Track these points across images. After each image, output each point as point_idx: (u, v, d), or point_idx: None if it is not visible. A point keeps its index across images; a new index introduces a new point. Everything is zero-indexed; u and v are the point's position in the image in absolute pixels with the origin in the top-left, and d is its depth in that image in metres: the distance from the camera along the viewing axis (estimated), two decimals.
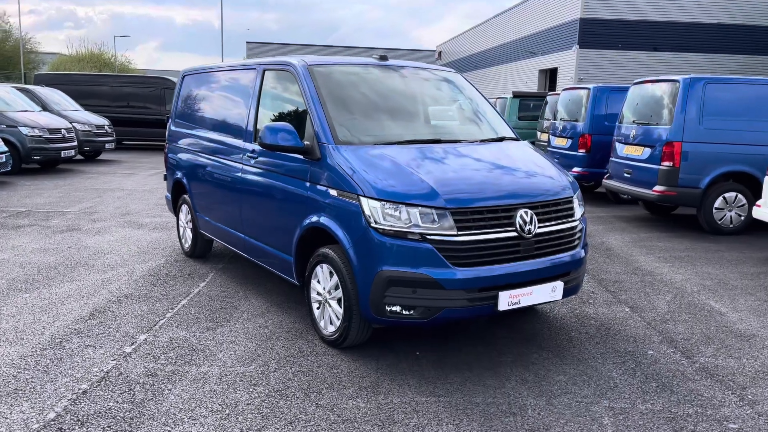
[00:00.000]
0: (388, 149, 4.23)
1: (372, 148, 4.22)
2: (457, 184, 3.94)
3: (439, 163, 4.16)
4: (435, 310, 3.77)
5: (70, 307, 4.99)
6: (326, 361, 4.05)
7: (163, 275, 5.99)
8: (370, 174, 3.93)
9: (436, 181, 3.90)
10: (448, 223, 3.74)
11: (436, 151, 4.32)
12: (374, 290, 3.80)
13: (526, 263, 3.95)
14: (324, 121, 4.34)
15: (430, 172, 3.99)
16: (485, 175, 4.14)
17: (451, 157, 4.30)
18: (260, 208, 5.04)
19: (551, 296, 4.08)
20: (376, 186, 3.84)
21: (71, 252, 6.82)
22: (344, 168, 4.04)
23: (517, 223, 3.90)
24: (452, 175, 4.03)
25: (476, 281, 3.77)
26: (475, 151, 4.48)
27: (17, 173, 13.55)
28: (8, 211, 9.22)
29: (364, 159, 4.07)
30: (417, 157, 4.16)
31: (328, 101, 4.47)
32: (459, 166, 4.19)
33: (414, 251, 3.72)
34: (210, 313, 4.93)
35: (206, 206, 6.10)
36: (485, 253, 3.82)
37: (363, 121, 4.58)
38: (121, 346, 4.22)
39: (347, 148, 4.19)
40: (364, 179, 3.90)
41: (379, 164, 4.03)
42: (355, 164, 4.02)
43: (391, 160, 4.07)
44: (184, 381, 3.71)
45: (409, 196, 3.79)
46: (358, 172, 3.96)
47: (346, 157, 4.10)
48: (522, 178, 4.23)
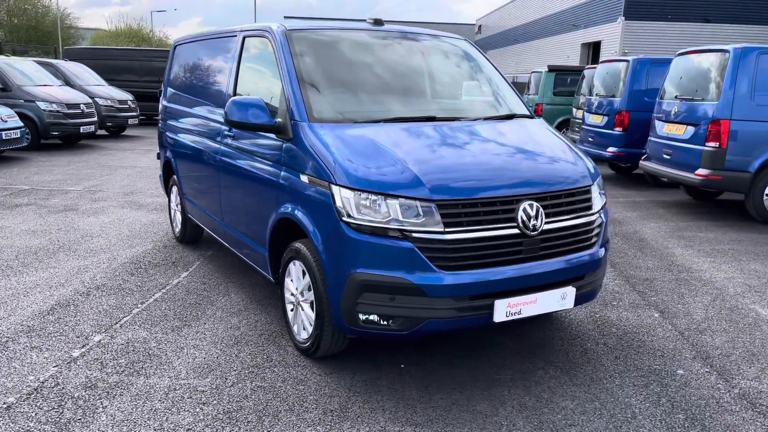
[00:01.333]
0: (371, 128, 3.60)
1: (352, 127, 3.61)
2: (447, 170, 3.30)
3: (429, 144, 3.52)
4: (417, 320, 3.18)
5: (32, 300, 4.57)
6: (294, 374, 3.50)
7: (145, 263, 5.53)
8: (344, 157, 3.32)
9: (421, 166, 3.27)
10: (433, 217, 3.12)
11: (427, 131, 3.67)
12: (346, 296, 3.22)
13: (530, 266, 3.31)
14: (298, 95, 3.74)
15: (417, 155, 3.36)
16: (484, 160, 3.49)
17: (446, 138, 3.65)
18: (236, 194, 4.50)
19: (560, 304, 3.43)
20: (350, 172, 3.23)
21: (59, 235, 6.43)
22: (316, 150, 3.45)
23: (520, 218, 3.26)
24: (443, 159, 3.39)
25: (467, 287, 3.15)
26: (477, 131, 3.81)
27: (36, 149, 13.37)
28: (11, 189, 8.94)
29: (340, 139, 3.46)
30: (404, 138, 3.53)
31: (305, 72, 3.86)
32: (453, 149, 3.54)
33: (392, 251, 3.11)
34: (181, 309, 4.44)
35: (191, 189, 5.59)
36: (479, 254, 3.19)
37: (345, 96, 3.96)
38: (70, 349, 3.76)
39: (323, 126, 3.58)
40: (336, 164, 3.30)
41: (356, 146, 3.42)
42: (329, 145, 3.42)
43: (371, 141, 3.45)
44: (124, 396, 3.22)
45: (387, 184, 3.17)
46: (332, 154, 3.36)
47: (320, 136, 3.50)
48: (529, 163, 3.56)
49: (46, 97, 13.49)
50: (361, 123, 3.67)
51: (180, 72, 6.01)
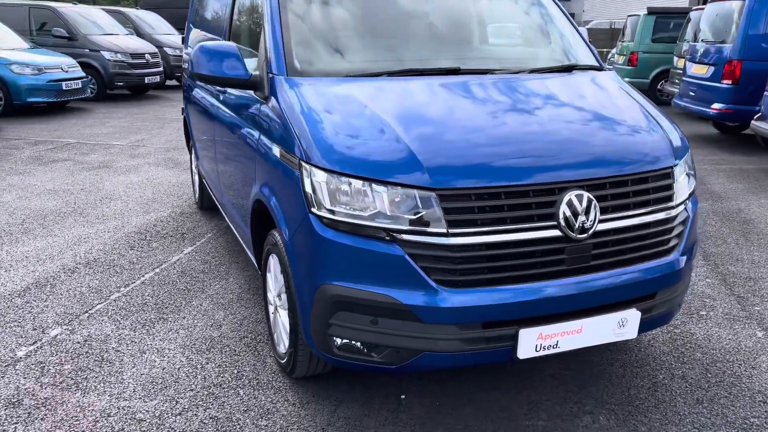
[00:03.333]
0: (365, 85, 2.69)
1: (341, 83, 2.71)
2: (458, 145, 2.36)
3: (440, 108, 2.57)
4: (408, 353, 2.32)
5: (11, 276, 4.06)
6: (261, 401, 2.75)
7: (152, 233, 4.94)
8: (321, 125, 2.45)
9: (422, 140, 2.34)
10: (433, 213, 2.22)
11: (443, 89, 2.71)
12: (315, 314, 2.40)
13: (574, 281, 2.35)
14: (278, 39, 2.87)
15: (418, 124, 2.43)
16: (515, 129, 2.50)
17: (467, 99, 2.68)
18: (225, 160, 3.74)
19: (617, 334, 2.47)
20: (326, 146, 2.36)
21: (78, 197, 5.97)
22: (289, 113, 2.59)
23: (562, 215, 2.29)
24: (455, 129, 2.44)
25: (479, 312, 2.25)
26: (514, 88, 2.81)
27: (102, 99, 13.25)
28: (57, 142, 8.66)
29: (321, 100, 2.58)
30: (406, 98, 2.61)
31: (290, 11, 2.97)
32: (474, 114, 2.56)
33: (375, 258, 2.25)
34: (166, 297, 3.79)
35: (200, 150, 4.90)
36: (499, 264, 2.27)
37: (341, 40, 3.04)
38: (18, 346, 3.19)
39: (305, 81, 2.71)
40: (309, 133, 2.43)
41: (340, 109, 2.53)
42: (304, 108, 2.55)
43: (359, 103, 2.54)
44: (45, 421, 2.59)
45: (372, 165, 2.28)
46: (305, 120, 2.49)
47: (296, 95, 2.63)
48: (583, 134, 2.54)
49: (110, 47, 13.25)
50: (355, 77, 2.76)
51: (195, 19, 5.26)
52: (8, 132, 9.40)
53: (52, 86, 11.01)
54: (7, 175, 6.80)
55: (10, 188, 6.25)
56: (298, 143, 2.45)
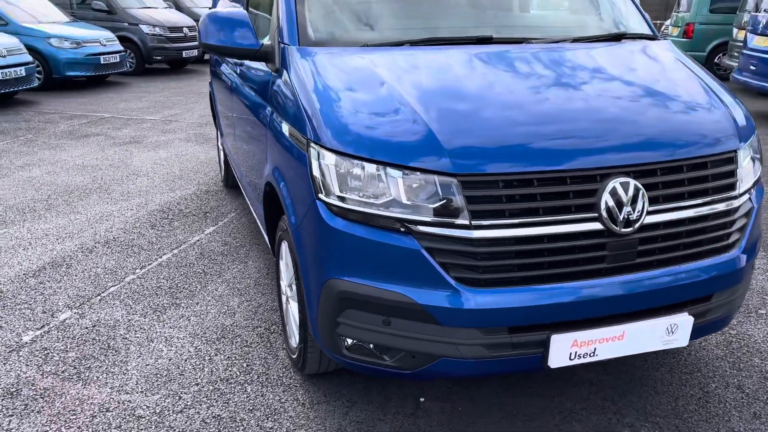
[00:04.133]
0: (384, 55, 2.41)
1: (357, 53, 2.43)
2: (485, 125, 2.06)
3: (466, 82, 2.27)
4: (425, 358, 2.07)
5: (28, 254, 3.96)
6: (269, 400, 2.55)
7: (175, 212, 4.79)
8: (332, 101, 2.19)
9: (443, 119, 2.06)
10: (454, 202, 1.94)
11: (472, 60, 2.41)
12: (322, 311, 2.17)
13: (616, 281, 2.06)
14: (291, 7, 2.61)
15: (440, 100, 2.15)
16: (552, 106, 2.18)
17: (498, 72, 2.37)
18: (242, 138, 3.53)
19: (664, 341, 2.16)
20: (336, 125, 2.10)
21: (106, 173, 5.88)
22: (299, 86, 2.34)
23: (604, 205, 1.99)
24: (481, 107, 2.13)
25: (505, 314, 1.98)
26: (554, 59, 2.48)
27: (140, 74, 13.23)
28: (92, 116, 8.63)
29: (333, 72, 2.32)
30: (429, 71, 2.31)
31: None
32: (505, 90, 2.25)
33: (388, 252, 1.99)
34: (181, 280, 3.63)
35: (223, 126, 4.70)
36: (529, 262, 1.99)
37: (357, 8, 2.75)
38: (24, 331, 3.07)
39: (318, 51, 2.45)
40: (318, 110, 2.17)
41: (354, 83, 2.26)
42: (316, 81, 2.29)
43: (376, 75, 2.27)
44: (42, 415, 2.45)
45: (385, 146, 2.01)
46: (316, 95, 2.23)
47: (309, 67, 2.37)
48: (631, 112, 2.21)
49: (149, 21, 13.18)
50: (374, 47, 2.49)
51: None
52: (46, 106, 9.43)
53: (90, 60, 11.01)
54: (39, 149, 6.77)
55: (40, 163, 6.21)
56: (307, 121, 2.20)
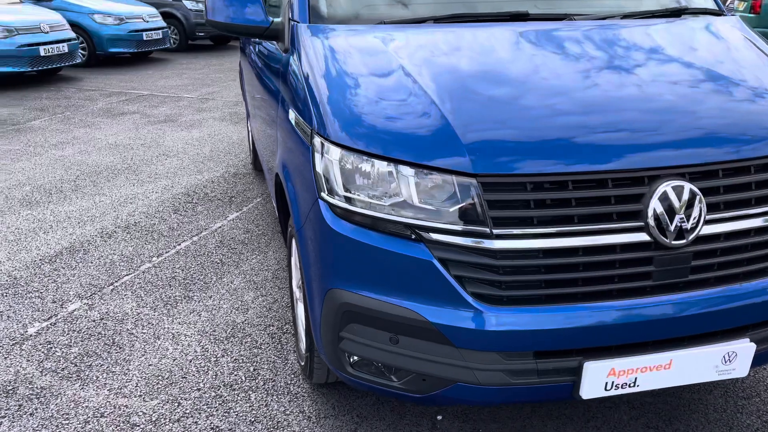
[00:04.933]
0: (401, 34, 2.13)
1: (372, 31, 2.16)
2: (508, 116, 1.77)
3: (489, 66, 1.97)
4: (437, 382, 1.82)
5: (47, 239, 3.87)
6: (274, 409, 2.35)
7: (200, 196, 4.64)
8: (339, 87, 1.93)
9: (461, 108, 1.78)
10: (473, 206, 1.67)
11: (503, 41, 2.10)
12: (325, 323, 1.94)
13: (663, 301, 1.76)
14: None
15: (459, 87, 1.86)
16: (594, 95, 1.87)
17: (532, 55, 2.06)
18: (260, 122, 3.31)
19: (719, 372, 1.85)
20: (342, 114, 1.85)
21: (137, 152, 5.78)
22: (306, 69, 2.09)
23: (652, 213, 1.68)
24: (508, 97, 1.84)
25: (529, 337, 1.71)
26: (599, 40, 2.15)
27: (184, 50, 13.21)
28: (130, 94, 8.59)
29: (344, 53, 2.06)
30: (447, 52, 2.02)
31: None
32: (533, 74, 1.93)
33: (397, 262, 1.74)
34: (197, 270, 3.46)
35: (249, 107, 4.50)
36: (560, 278, 1.70)
37: None
38: (30, 322, 2.95)
39: (329, 30, 2.19)
40: (325, 97, 1.92)
41: (365, 66, 1.99)
42: (325, 63, 2.04)
43: (390, 57, 1.99)
44: (34, 418, 2.31)
45: (396, 140, 1.75)
46: (324, 79, 1.98)
47: (319, 47, 2.12)
48: (688, 102, 1.88)
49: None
50: (392, 24, 2.21)
51: None
52: (87, 83, 9.45)
53: (132, 36, 10.99)
54: (75, 127, 6.74)
55: (74, 141, 6.16)
56: (312, 109, 1.95)
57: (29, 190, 4.75)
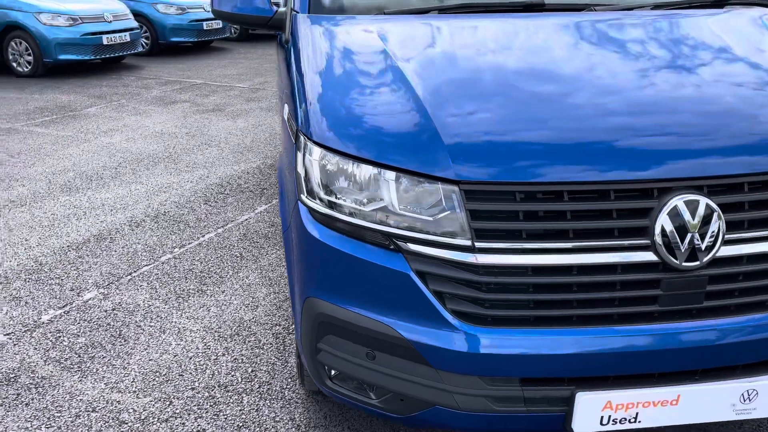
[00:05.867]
0: (399, 25, 1.99)
1: (370, 23, 2.02)
2: (499, 119, 1.60)
3: (487, 61, 1.80)
4: (415, 403, 1.68)
5: (78, 226, 3.93)
6: (265, 415, 2.27)
7: (232, 187, 4.63)
8: (326, 82, 1.81)
9: (448, 108, 1.62)
10: (453, 216, 1.52)
11: (498, 33, 1.93)
12: (304, 332, 1.83)
13: (672, 329, 1.56)
14: None
15: (449, 85, 1.70)
16: (594, 97, 1.66)
17: (532, 50, 1.86)
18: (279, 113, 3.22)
19: (737, 411, 1.64)
20: (326, 113, 1.73)
21: (180, 141, 5.85)
22: (300, 62, 1.98)
23: (659, 230, 1.48)
24: (499, 97, 1.67)
25: (515, 362, 1.55)
26: (619, 33, 1.94)
27: (244, 40, 13.39)
28: (185, 83, 8.74)
29: (337, 46, 1.93)
30: (444, 46, 1.87)
31: None
32: (531, 75, 1.75)
33: (374, 273, 1.61)
34: (215, 263, 3.43)
35: None
36: (552, 298, 1.53)
37: None
38: (46, 309, 2.98)
39: (327, 20, 2.07)
40: (311, 93, 1.81)
41: (356, 61, 1.86)
42: (315, 56, 1.92)
43: (383, 51, 1.85)
44: (29, 408, 2.31)
45: (378, 142, 1.61)
46: (314, 74, 1.87)
47: (313, 38, 2.01)
48: (705, 104, 1.65)
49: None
50: (393, 14, 2.06)
51: None
52: (146, 71, 9.68)
53: (193, 26, 11.20)
54: (127, 114, 6.89)
55: (123, 129, 6.29)
56: (299, 104, 1.84)
57: (72, 176, 4.86)
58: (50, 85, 8.44)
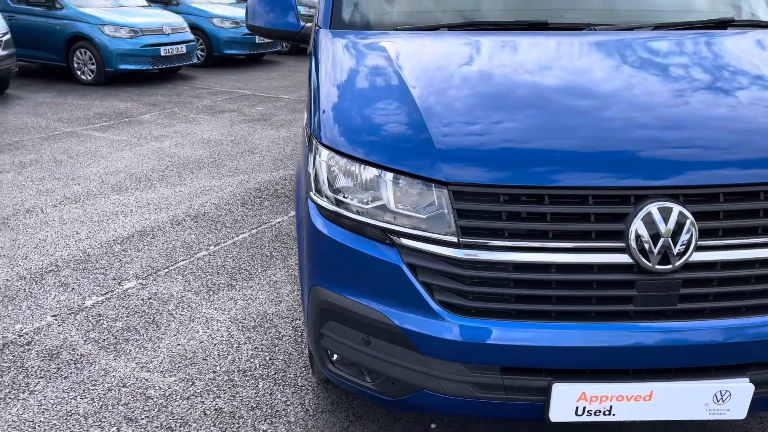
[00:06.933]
0: (409, 41, 2.15)
1: (382, 38, 2.20)
2: (489, 127, 1.74)
3: (484, 75, 1.95)
4: (404, 387, 1.83)
5: (124, 222, 4.22)
6: (277, 398, 2.44)
7: (269, 192, 4.86)
8: (338, 91, 1.99)
9: (443, 116, 1.77)
10: (442, 215, 1.67)
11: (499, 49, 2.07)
12: (310, 318, 2.00)
13: (646, 328, 1.66)
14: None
15: (446, 94, 1.86)
16: (581, 110, 1.78)
17: (524, 63, 2.00)
18: None
19: (710, 411, 1.72)
20: (335, 119, 1.90)
21: (225, 148, 6.15)
22: (316, 73, 2.17)
23: (633, 234, 1.60)
24: (491, 106, 1.81)
25: (495, 351, 1.67)
26: (611, 52, 2.05)
27: (294, 53, 13.80)
28: (234, 93, 9.12)
29: (350, 59, 2.11)
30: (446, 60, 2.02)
31: None
32: (524, 88, 1.88)
33: (370, 265, 1.77)
34: (246, 261, 3.65)
35: None
36: (532, 294, 1.66)
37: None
38: (89, 295, 3.25)
39: (345, 35, 2.26)
40: (323, 101, 1.99)
41: (366, 72, 2.04)
42: (330, 68, 2.11)
43: (391, 64, 2.02)
44: (68, 380, 2.55)
45: (379, 146, 1.78)
46: (327, 83, 2.05)
47: (333, 50, 2.19)
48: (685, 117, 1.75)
49: (306, 1, 13.64)
50: (405, 30, 2.23)
51: None
52: (200, 81, 10.13)
53: (246, 39, 11.65)
54: (177, 121, 7.26)
55: (173, 135, 6.64)
56: (313, 111, 2.03)
57: (123, 177, 5.19)
58: (110, 93, 8.95)
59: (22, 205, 4.51)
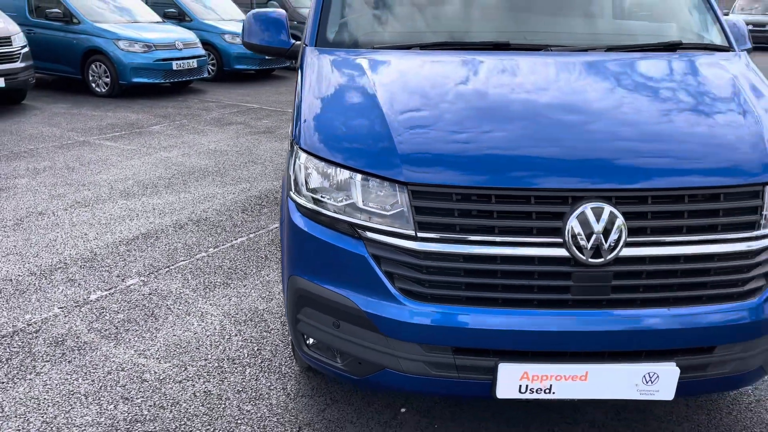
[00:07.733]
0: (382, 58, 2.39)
1: (359, 55, 2.44)
2: (445, 134, 1.96)
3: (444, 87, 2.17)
4: (369, 366, 2.04)
5: (131, 225, 4.47)
6: (261, 383, 2.65)
7: (270, 199, 5.10)
8: (316, 102, 2.23)
9: (406, 123, 2.00)
10: (401, 211, 1.89)
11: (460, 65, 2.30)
12: (288, 306, 2.22)
13: (579, 315, 1.86)
14: (318, 8, 2.67)
15: (411, 104, 2.08)
16: (530, 120, 2.01)
17: (484, 78, 2.22)
18: None
19: (640, 391, 1.91)
20: (312, 126, 2.14)
21: (230, 158, 6.41)
22: (300, 86, 2.41)
23: (569, 231, 1.81)
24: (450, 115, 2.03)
25: (447, 333, 1.88)
26: (561, 69, 2.27)
27: None
28: (243, 107, 9.41)
29: (330, 74, 2.35)
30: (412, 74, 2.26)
31: None
32: (481, 97, 2.11)
33: (340, 256, 1.99)
34: (242, 262, 3.87)
35: None
36: (480, 282, 1.87)
37: (382, 10, 2.73)
38: (94, 290, 3.48)
39: (326, 52, 2.50)
40: (303, 110, 2.23)
41: (343, 85, 2.27)
42: (311, 82, 2.35)
43: (365, 78, 2.25)
44: (72, 364, 2.78)
45: (349, 150, 2.00)
46: (307, 95, 2.29)
47: (313, 67, 2.43)
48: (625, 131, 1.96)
49: None
50: (381, 49, 2.47)
51: None
52: (209, 95, 10.45)
53: (256, 55, 11.97)
54: (186, 133, 7.55)
55: (181, 145, 6.92)
56: (295, 119, 2.26)
57: (131, 184, 5.46)
58: (123, 105, 9.27)
59: (35, 207, 4.78)
